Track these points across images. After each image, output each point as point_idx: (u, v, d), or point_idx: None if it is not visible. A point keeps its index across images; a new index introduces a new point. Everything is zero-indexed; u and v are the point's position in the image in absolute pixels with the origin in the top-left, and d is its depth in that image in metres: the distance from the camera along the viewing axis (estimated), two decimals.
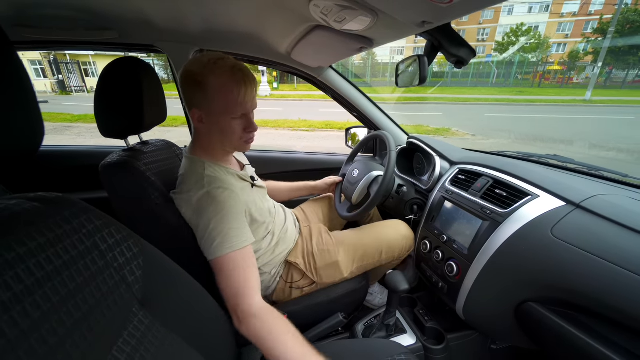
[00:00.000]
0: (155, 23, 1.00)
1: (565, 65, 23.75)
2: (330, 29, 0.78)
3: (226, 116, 0.75)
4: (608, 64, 20.63)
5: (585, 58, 23.35)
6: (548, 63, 24.52)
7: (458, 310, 0.85)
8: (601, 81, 21.47)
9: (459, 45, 0.64)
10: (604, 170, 0.91)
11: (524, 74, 22.93)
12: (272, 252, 0.96)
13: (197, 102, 0.74)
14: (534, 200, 0.73)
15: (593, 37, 22.80)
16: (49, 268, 0.35)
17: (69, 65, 17.87)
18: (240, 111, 0.75)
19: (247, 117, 0.78)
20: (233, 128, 0.77)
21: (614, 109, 12.77)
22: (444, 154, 1.14)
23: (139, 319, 0.46)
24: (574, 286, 0.61)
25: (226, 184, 0.78)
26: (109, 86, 0.79)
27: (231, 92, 0.72)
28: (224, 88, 0.71)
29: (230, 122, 0.75)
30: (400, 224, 1.12)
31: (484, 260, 0.76)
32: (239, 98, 0.72)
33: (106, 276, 0.44)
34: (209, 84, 0.71)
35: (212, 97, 0.72)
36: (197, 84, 0.71)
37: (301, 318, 0.97)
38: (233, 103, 0.73)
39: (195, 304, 0.63)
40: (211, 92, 0.71)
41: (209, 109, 0.74)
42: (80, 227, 0.43)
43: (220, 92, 0.71)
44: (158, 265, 0.56)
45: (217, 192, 0.74)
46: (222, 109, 0.74)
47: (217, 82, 0.71)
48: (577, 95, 15.50)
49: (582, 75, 23.04)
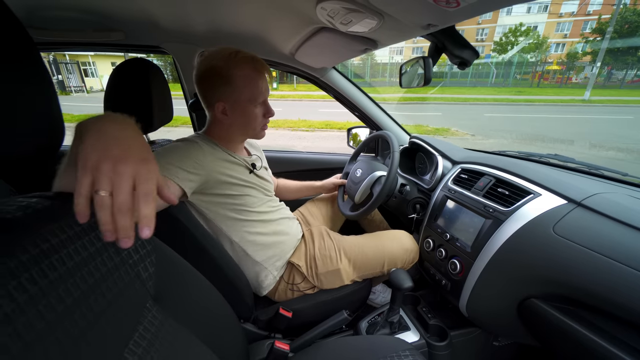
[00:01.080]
0: (161, 24, 1.01)
1: (564, 65, 23.81)
2: (335, 31, 0.79)
3: (251, 105, 0.81)
4: (607, 63, 20.68)
5: (584, 58, 23.42)
6: (547, 63, 24.58)
7: (461, 307, 0.87)
8: (600, 81, 21.54)
9: (462, 46, 0.66)
10: (604, 169, 0.92)
11: (523, 74, 22.98)
12: (279, 235, 0.98)
13: (223, 95, 0.79)
14: (536, 198, 0.75)
15: (591, 37, 22.87)
16: (70, 264, 0.36)
17: (68, 66, 17.83)
18: (261, 98, 0.82)
19: (266, 104, 0.85)
20: (256, 114, 0.84)
21: (613, 108, 12.81)
22: (446, 154, 1.15)
23: (152, 314, 0.48)
24: (575, 282, 0.62)
25: (202, 148, 0.79)
26: (118, 87, 0.80)
27: (255, 82, 0.79)
28: (249, 79, 0.78)
29: (253, 109, 0.83)
30: (405, 236, 1.11)
31: (487, 258, 0.77)
32: (262, 87, 0.80)
33: (122, 272, 0.45)
34: (234, 76, 0.77)
35: (238, 89, 0.78)
36: (222, 77, 0.77)
37: (306, 316, 0.98)
38: (257, 92, 0.80)
39: (205, 301, 0.64)
40: (237, 84, 0.77)
41: (234, 100, 0.79)
42: (94, 226, 0.44)
43: (246, 82, 0.78)
44: (169, 263, 0.57)
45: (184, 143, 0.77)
46: (247, 98, 0.80)
47: (242, 74, 0.77)
48: (576, 95, 15.53)
49: (580, 75, 23.09)
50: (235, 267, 0.89)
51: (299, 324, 0.97)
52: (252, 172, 0.94)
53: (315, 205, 1.32)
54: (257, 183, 0.93)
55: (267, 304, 1.01)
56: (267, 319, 0.96)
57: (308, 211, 1.28)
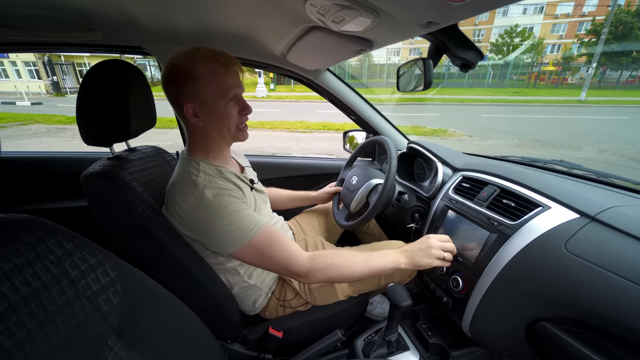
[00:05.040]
0: (142, 23, 0.94)
1: (559, 65, 23.94)
2: (327, 30, 0.73)
3: (220, 101, 0.74)
4: (602, 64, 20.82)
5: (580, 59, 23.57)
6: (543, 64, 24.71)
7: (464, 327, 0.81)
8: (595, 81, 21.67)
9: (466, 47, 0.60)
10: (614, 177, 0.87)
11: (519, 74, 23.08)
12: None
13: (191, 94, 0.72)
14: (545, 211, 0.69)
15: (586, 38, 23.02)
16: (25, 291, 0.32)
17: (63, 67, 17.68)
18: (232, 92, 0.74)
19: (239, 99, 0.78)
20: (229, 111, 0.76)
21: (609, 109, 12.88)
22: (445, 160, 1.09)
23: (115, 353, 0.42)
24: (590, 306, 0.56)
25: (222, 186, 0.75)
26: (91, 91, 0.74)
27: (221, 77, 0.72)
28: (213, 72, 0.71)
29: (225, 106, 0.75)
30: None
31: (492, 275, 0.72)
32: (229, 80, 0.73)
33: (76, 308, 0.39)
34: (198, 72, 0.70)
35: (204, 85, 0.71)
36: (187, 76, 0.70)
37: (297, 334, 0.92)
38: (225, 86, 0.73)
39: (181, 329, 0.58)
40: (202, 80, 0.70)
41: (203, 98, 0.72)
42: (47, 253, 0.38)
43: (211, 78, 0.71)
44: (138, 290, 0.51)
45: (212, 193, 0.71)
46: (216, 94, 0.73)
47: (206, 69, 0.70)
48: (572, 96, 15.61)
49: (576, 76, 23.24)
50: (221, 286, 0.83)
51: (290, 344, 0.91)
52: (253, 188, 0.88)
53: (313, 214, 1.26)
54: (256, 199, 0.88)
55: (256, 322, 0.95)
56: (256, 338, 0.89)
57: (305, 220, 1.22)
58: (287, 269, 0.74)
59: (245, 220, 0.72)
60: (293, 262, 0.73)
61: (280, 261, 0.73)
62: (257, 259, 0.74)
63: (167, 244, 0.73)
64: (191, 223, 0.72)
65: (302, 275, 0.74)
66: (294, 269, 0.73)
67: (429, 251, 0.80)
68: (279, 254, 0.73)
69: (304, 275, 0.74)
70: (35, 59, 17.43)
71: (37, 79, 18.09)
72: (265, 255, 0.73)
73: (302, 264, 0.73)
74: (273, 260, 0.74)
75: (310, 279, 0.75)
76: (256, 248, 0.72)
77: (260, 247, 0.72)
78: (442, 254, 0.81)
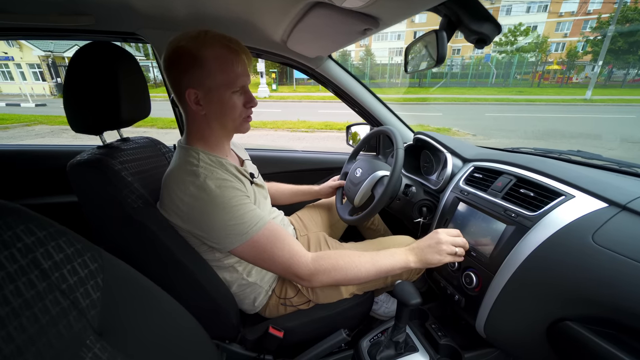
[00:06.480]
0: (136, 7, 0.90)
1: (564, 64, 23.68)
2: (329, 7, 0.68)
3: (226, 90, 0.68)
4: (608, 62, 20.57)
5: (585, 57, 23.30)
6: (547, 63, 24.46)
7: (478, 328, 0.75)
8: (601, 80, 21.41)
9: (483, 18, 0.54)
10: (638, 166, 0.81)
11: (523, 74, 22.85)
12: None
13: (195, 80, 0.66)
14: (569, 201, 0.63)
15: (592, 35, 22.76)
16: None
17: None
18: (239, 83, 0.69)
19: (246, 91, 0.72)
20: (234, 102, 0.70)
21: (615, 107, 12.70)
22: (455, 151, 1.03)
23: (94, 353, 0.37)
24: (621, 302, 0.51)
25: (224, 177, 0.70)
26: (77, 75, 0.69)
27: (231, 63, 0.66)
28: (222, 59, 0.65)
29: (230, 96, 0.69)
30: (410, 242, 1.01)
31: (510, 271, 0.66)
32: (238, 69, 0.67)
33: (48, 302, 0.34)
34: (205, 56, 0.64)
35: (210, 71, 0.65)
36: (192, 59, 0.64)
37: (299, 334, 0.87)
38: (233, 74, 0.67)
39: (172, 328, 0.53)
40: (209, 66, 0.64)
41: (208, 85, 0.66)
42: (14, 241, 0.34)
43: (219, 63, 0.65)
44: (123, 284, 0.46)
45: (215, 184, 0.66)
46: (222, 82, 0.67)
47: (214, 54, 0.64)
48: (577, 95, 15.41)
49: (581, 75, 22.95)
50: (218, 283, 0.78)
51: (292, 344, 0.86)
52: (253, 182, 0.83)
53: (315, 209, 1.21)
54: (256, 194, 0.83)
55: (256, 321, 0.90)
56: (256, 338, 0.85)
57: (307, 216, 1.17)
58: (289, 270, 0.69)
59: (249, 215, 0.67)
60: (296, 262, 0.69)
61: (282, 261, 0.69)
62: (258, 257, 0.69)
63: (160, 238, 0.69)
64: (190, 215, 0.67)
65: (305, 279, 0.70)
66: (296, 271, 0.69)
67: (438, 247, 0.75)
68: (282, 254, 0.69)
69: (307, 278, 0.70)
70: (40, 61, 17.58)
71: (41, 80, 18.25)
72: (268, 253, 0.68)
73: (305, 265, 0.69)
74: (275, 260, 0.69)
75: (314, 282, 0.71)
76: (258, 246, 0.68)
77: (262, 245, 0.68)
78: (453, 249, 0.75)
